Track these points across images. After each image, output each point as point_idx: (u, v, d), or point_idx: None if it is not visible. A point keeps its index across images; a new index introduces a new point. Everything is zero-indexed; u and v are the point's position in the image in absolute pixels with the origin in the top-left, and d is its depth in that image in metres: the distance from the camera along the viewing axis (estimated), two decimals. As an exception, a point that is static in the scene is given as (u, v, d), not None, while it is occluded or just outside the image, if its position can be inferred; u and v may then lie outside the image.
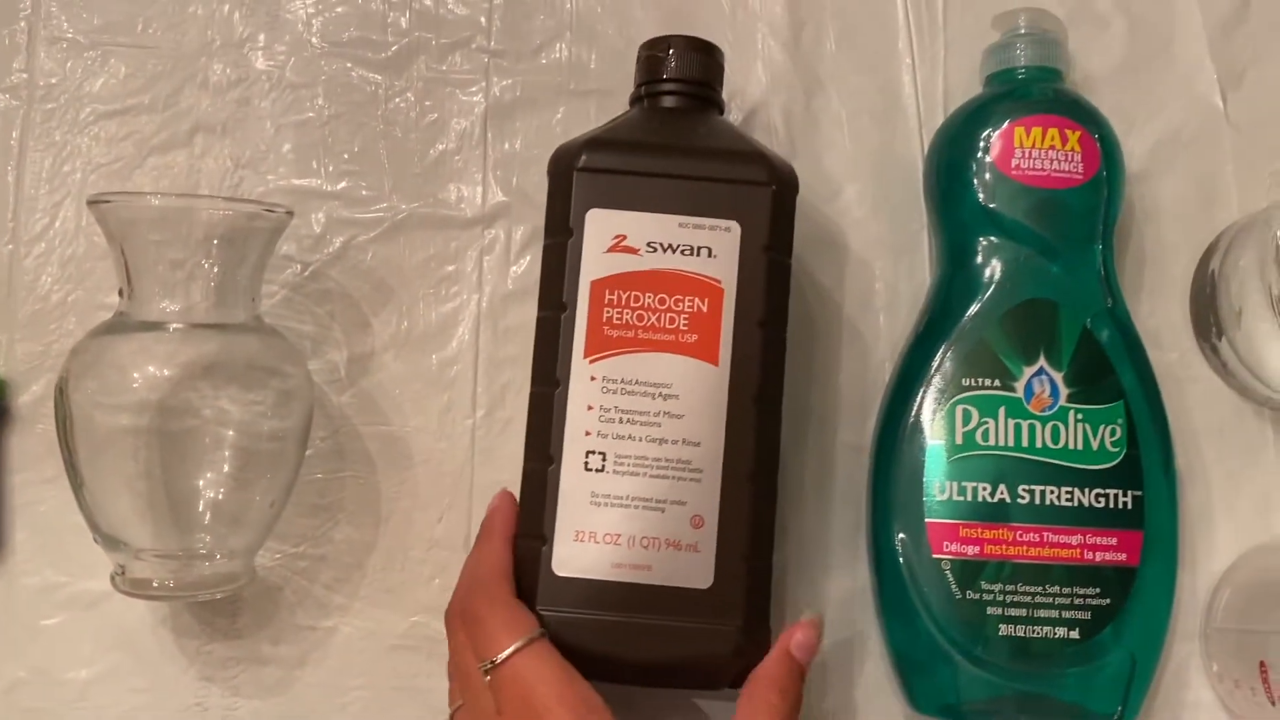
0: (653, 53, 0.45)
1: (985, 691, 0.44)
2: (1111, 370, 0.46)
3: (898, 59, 0.53)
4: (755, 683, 0.40)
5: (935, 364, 0.46)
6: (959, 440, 0.45)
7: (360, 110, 0.52)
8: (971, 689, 0.45)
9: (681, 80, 0.44)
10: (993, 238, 0.47)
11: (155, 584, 0.44)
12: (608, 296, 0.41)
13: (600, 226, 0.41)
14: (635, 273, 0.41)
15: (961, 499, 0.45)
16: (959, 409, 0.45)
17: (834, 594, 0.49)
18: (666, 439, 0.41)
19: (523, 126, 0.52)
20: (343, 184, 0.51)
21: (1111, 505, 0.45)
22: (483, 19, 0.52)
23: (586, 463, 0.41)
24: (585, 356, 0.41)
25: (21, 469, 0.49)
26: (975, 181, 0.47)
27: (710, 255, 0.41)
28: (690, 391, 0.41)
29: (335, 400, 0.50)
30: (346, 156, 0.51)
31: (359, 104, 0.52)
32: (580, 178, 0.42)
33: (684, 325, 0.41)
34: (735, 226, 0.41)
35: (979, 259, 0.47)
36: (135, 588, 0.44)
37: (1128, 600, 0.44)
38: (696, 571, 0.40)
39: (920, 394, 0.46)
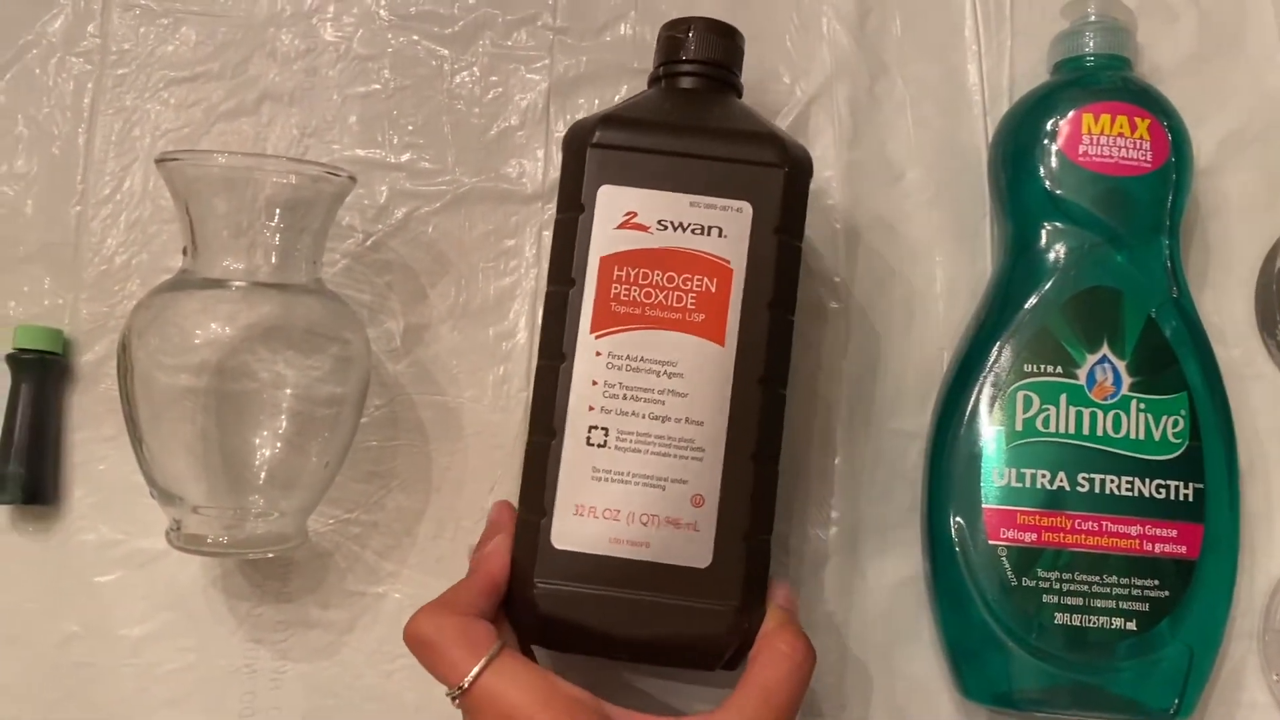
0: (672, 33, 0.45)
1: (1038, 680, 0.44)
2: (1175, 361, 0.45)
3: (964, 46, 0.52)
4: (766, 641, 0.40)
5: (996, 350, 0.46)
6: (1019, 427, 0.45)
7: (425, 84, 0.52)
8: (1024, 678, 0.44)
9: (699, 61, 0.44)
10: (1058, 224, 0.46)
11: (209, 540, 0.44)
12: (616, 273, 0.41)
13: (611, 203, 0.41)
14: (645, 250, 0.41)
15: (1020, 485, 0.44)
16: (1020, 395, 0.45)
17: (886, 581, 0.49)
18: (670, 417, 0.40)
19: (585, 104, 0.52)
20: (406, 156, 0.52)
21: (1172, 497, 0.44)
22: (549, -4, 0.53)
23: (589, 437, 0.41)
24: (592, 332, 0.41)
25: (82, 427, 0.50)
26: (1041, 167, 0.46)
27: (721, 235, 0.41)
28: (695, 371, 0.41)
29: (391, 369, 0.50)
30: (410, 129, 0.52)
31: (424, 77, 0.52)
32: (593, 154, 0.42)
33: (692, 304, 0.41)
34: (747, 207, 0.41)
35: (1043, 246, 0.46)
36: (189, 543, 0.44)
37: (1186, 593, 0.44)
38: (695, 550, 0.40)
39: (981, 380, 0.46)
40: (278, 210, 0.44)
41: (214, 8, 0.53)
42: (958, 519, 0.45)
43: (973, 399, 0.46)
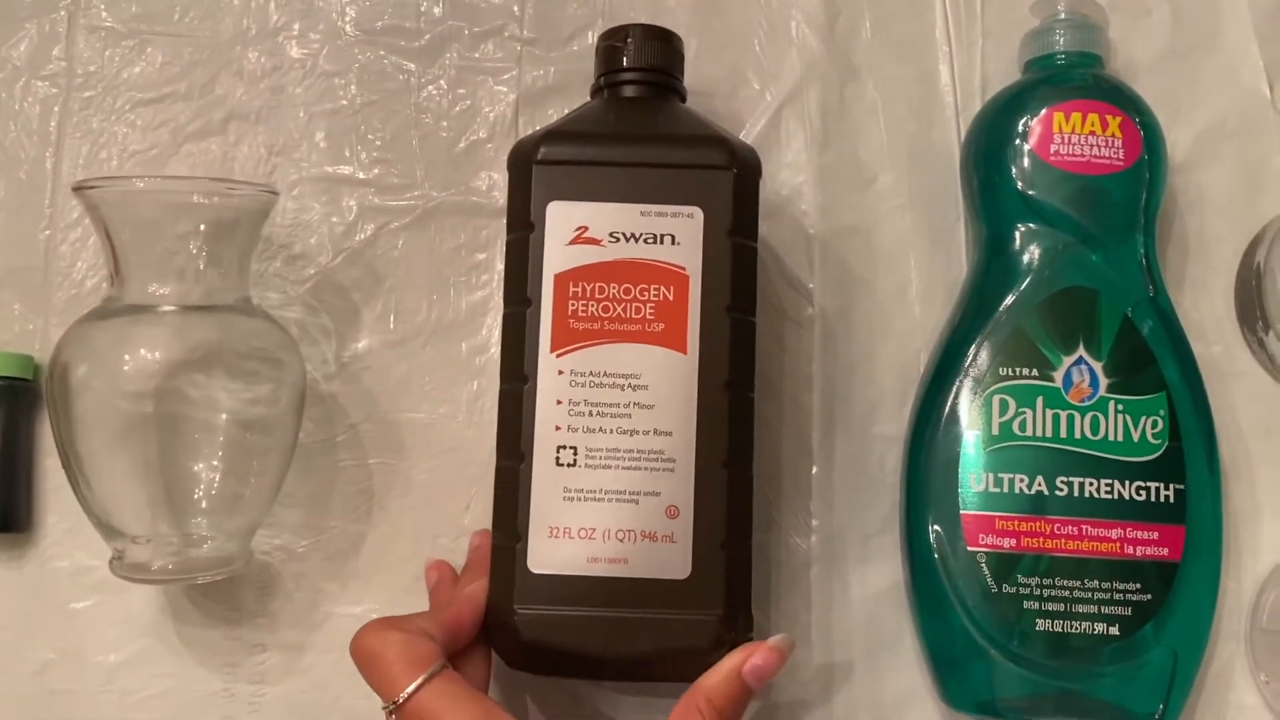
0: (610, 43, 0.45)
1: (1022, 688, 0.43)
2: (1153, 361, 0.44)
3: (934, 47, 0.52)
4: (693, 693, 0.39)
5: (972, 353, 0.45)
6: (995, 431, 0.44)
7: (393, 98, 0.52)
8: (1007, 685, 0.43)
9: (640, 69, 0.44)
10: (1031, 225, 0.46)
11: (154, 567, 0.44)
12: (572, 289, 0.41)
13: (561, 219, 0.41)
14: (599, 264, 0.41)
15: (998, 490, 0.44)
16: (996, 399, 0.44)
17: (869, 589, 0.48)
18: (638, 430, 0.40)
19: (555, 114, 0.51)
20: (374, 171, 0.51)
21: (1153, 499, 0.44)
22: (515, 7, 0.52)
23: (558, 458, 0.40)
24: (552, 351, 0.41)
25: (54, 453, 0.49)
26: (1013, 168, 0.46)
27: (674, 242, 0.41)
28: (659, 381, 0.40)
29: (365, 387, 0.50)
30: (378, 144, 0.51)
31: (392, 92, 0.52)
32: (539, 171, 0.41)
33: (650, 314, 0.41)
34: (698, 212, 0.41)
35: (1017, 247, 0.46)
36: (133, 572, 0.44)
37: (1169, 596, 0.43)
38: (674, 562, 0.40)
39: (956, 384, 0.45)
40: (201, 231, 0.44)
41: (180, 28, 0.52)
42: (936, 526, 0.45)
43: (949, 403, 0.45)
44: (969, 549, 0.44)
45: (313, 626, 0.48)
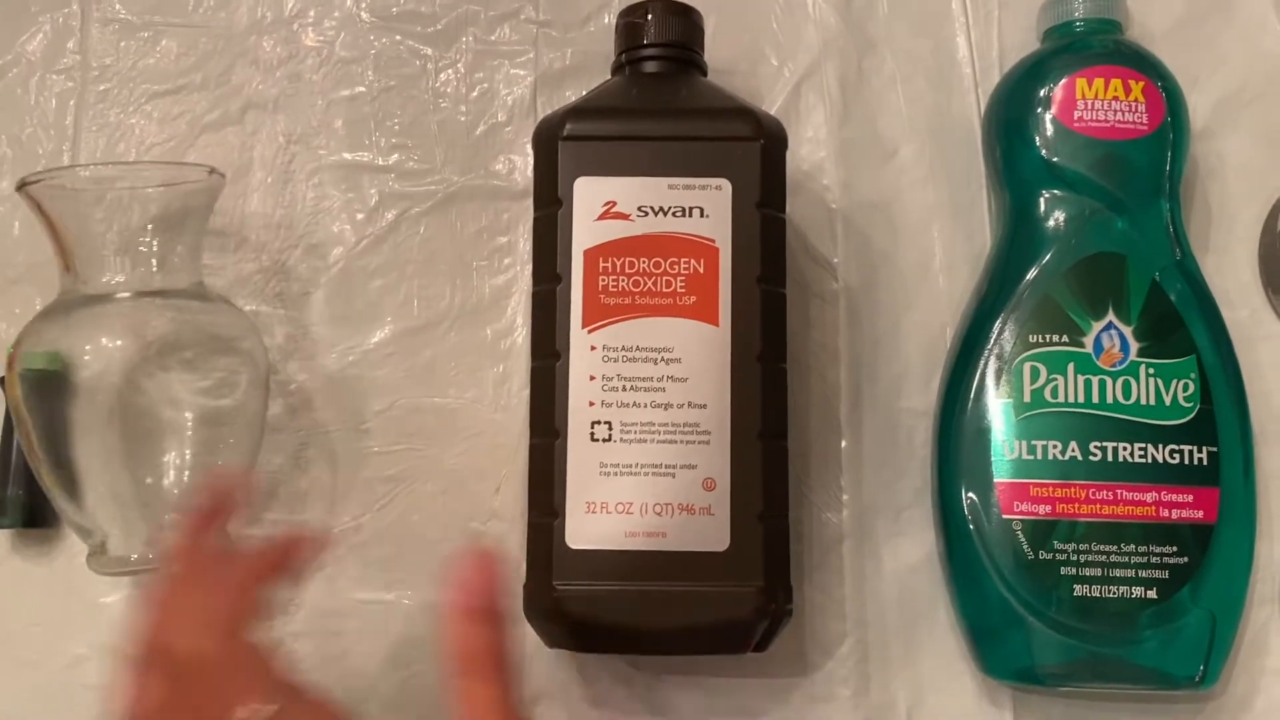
0: (630, 19, 0.45)
1: (1060, 655, 0.43)
2: (1182, 324, 0.44)
3: (951, 19, 0.52)
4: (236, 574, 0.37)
5: (1000, 322, 0.45)
6: (1027, 398, 0.44)
7: (410, 84, 0.52)
8: (1046, 652, 0.43)
9: (661, 44, 0.44)
10: (1056, 192, 0.46)
11: (134, 559, 0.43)
12: (602, 264, 0.41)
13: (589, 194, 0.41)
14: (628, 238, 0.41)
15: (1031, 458, 0.44)
16: (1027, 366, 0.44)
17: (901, 561, 0.48)
18: (672, 403, 0.40)
19: (573, 96, 0.51)
20: (394, 157, 0.51)
21: (1186, 461, 0.43)
22: (531, -10, 0.52)
23: (593, 433, 0.40)
24: (584, 327, 0.41)
25: (80, 447, 0.49)
26: (1036, 136, 0.46)
27: (703, 215, 0.41)
28: (692, 353, 0.40)
29: (391, 373, 0.49)
30: (397, 130, 0.51)
31: (409, 77, 0.52)
32: (565, 147, 0.41)
33: (681, 287, 0.41)
34: (726, 184, 0.41)
35: (1042, 215, 0.46)
36: (111, 566, 0.44)
37: (1205, 558, 0.43)
38: (712, 534, 0.40)
39: (985, 354, 0.45)
40: (151, 216, 0.44)
41: (194, 19, 0.52)
42: (970, 495, 0.44)
43: (978, 373, 0.45)
44: (1004, 517, 0.44)
45: (347, 614, 0.48)
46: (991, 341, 0.45)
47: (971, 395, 0.45)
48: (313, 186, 0.51)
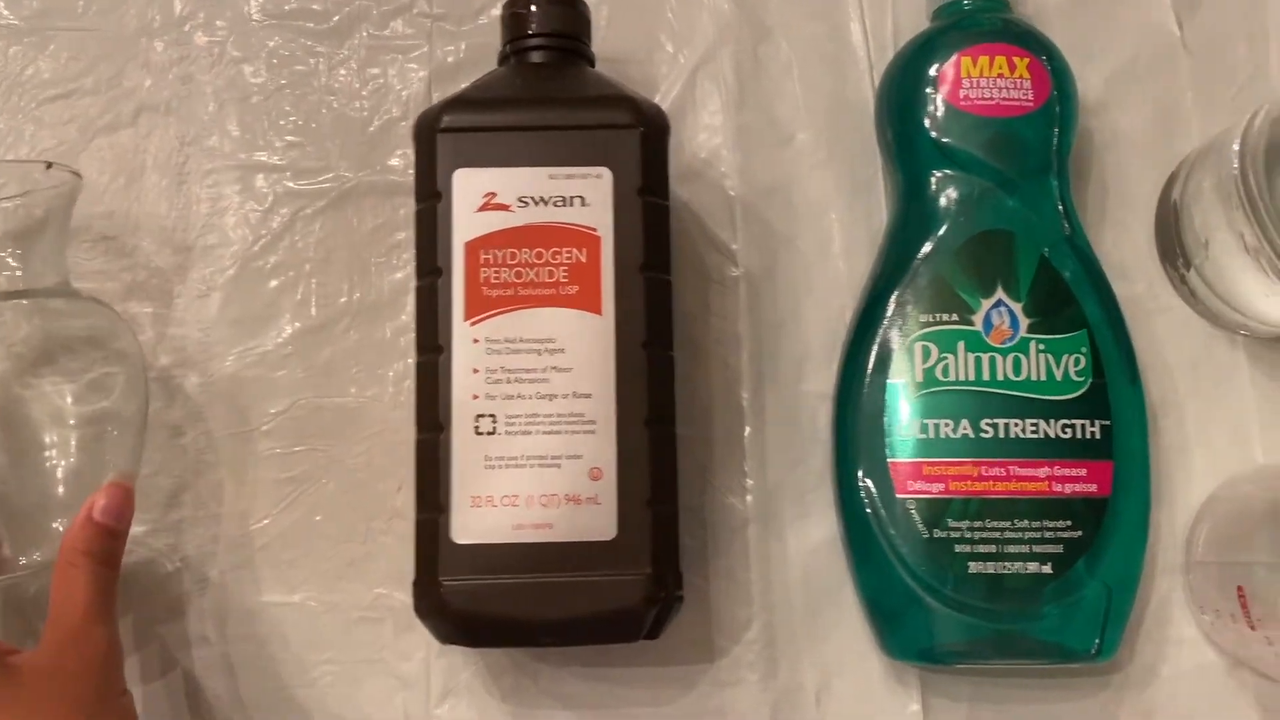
0: (515, 10, 0.45)
1: (960, 633, 0.43)
2: (1072, 299, 0.45)
3: (845, 3, 0.52)
4: (61, 554, 0.41)
5: (893, 303, 0.45)
6: (920, 377, 0.44)
7: (304, 81, 0.51)
8: (946, 631, 0.43)
9: (544, 34, 0.44)
10: (946, 171, 0.46)
11: (22, 561, 0.43)
12: (483, 256, 0.41)
13: (468, 186, 0.41)
14: (509, 229, 0.41)
15: (924, 436, 0.44)
16: (918, 346, 0.44)
17: (807, 544, 0.48)
18: (556, 394, 0.40)
19: (468, 89, 0.51)
20: (289, 156, 0.51)
21: (1079, 436, 0.44)
22: (423, -17, 0.52)
23: (477, 427, 0.40)
24: (466, 319, 0.40)
25: None
26: (925, 116, 0.46)
27: (584, 204, 0.41)
28: (576, 344, 0.40)
29: (290, 374, 0.49)
30: (292, 129, 0.51)
31: (302, 75, 0.51)
32: (443, 139, 0.41)
33: (563, 277, 0.40)
34: (606, 173, 0.41)
35: (933, 195, 0.46)
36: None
37: (1100, 532, 0.43)
38: (599, 524, 0.40)
39: (879, 334, 0.45)
40: (4, 215, 0.43)
41: (83, 22, 0.52)
42: (866, 476, 0.44)
43: (872, 355, 0.45)
44: (899, 497, 0.44)
45: (251, 617, 0.47)
46: (885, 322, 0.45)
47: (867, 377, 0.45)
48: (207, 188, 0.50)
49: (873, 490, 0.44)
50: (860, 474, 0.45)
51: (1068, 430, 0.44)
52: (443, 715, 0.47)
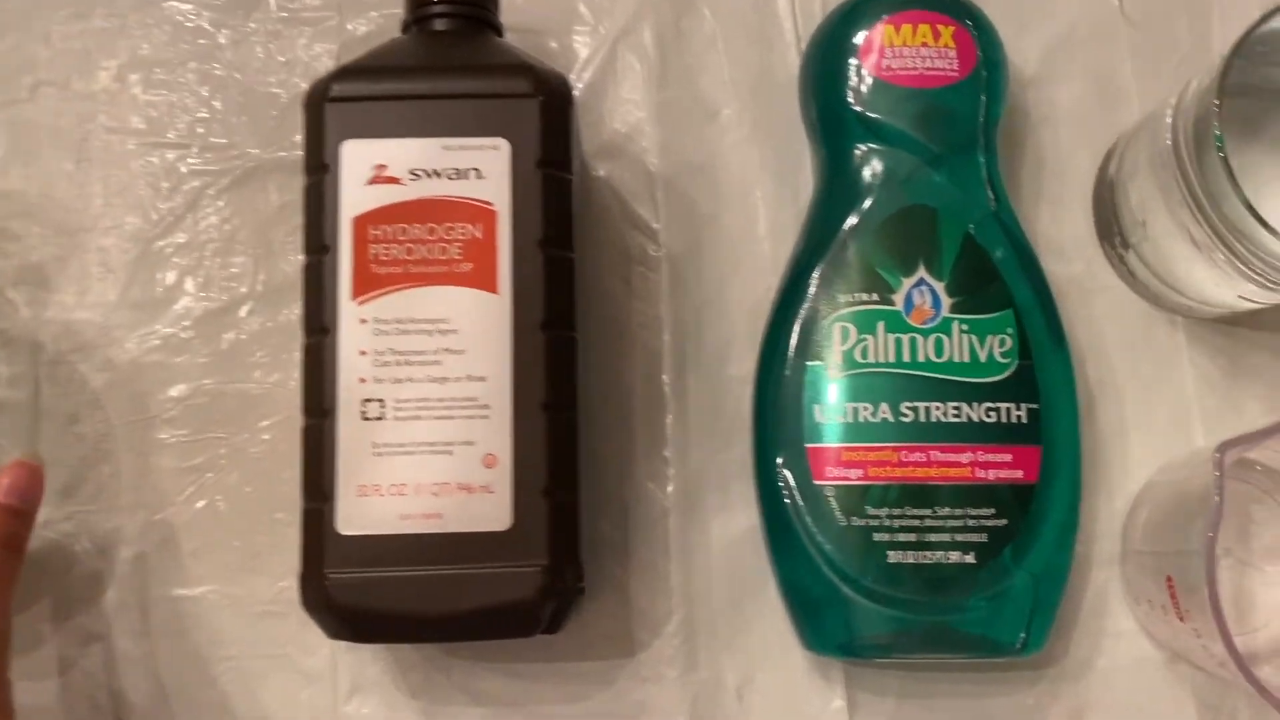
0: None
1: (880, 626, 0.42)
2: (998, 277, 0.43)
3: (771, -28, 0.50)
4: None
5: (813, 283, 0.43)
6: (838, 360, 0.42)
7: (209, 56, 0.49)
8: (866, 624, 0.42)
9: (446, 1, 0.42)
10: (869, 145, 0.44)
11: None
12: (372, 232, 0.39)
13: (357, 158, 0.39)
14: (400, 204, 0.39)
15: (842, 421, 0.42)
16: (837, 327, 0.43)
17: (730, 535, 0.46)
18: (448, 377, 0.38)
19: (381, 63, 0.49)
20: (193, 133, 0.49)
21: (1004, 420, 0.42)
22: (333, -46, 0.50)
23: (364, 412, 0.38)
24: (354, 299, 0.38)
25: None
26: (847, 87, 0.44)
27: (479, 177, 0.39)
28: (470, 324, 0.38)
29: (192, 359, 0.47)
30: (196, 104, 0.49)
31: (207, 49, 0.49)
32: (332, 109, 0.39)
33: (457, 254, 0.38)
34: (504, 144, 0.39)
35: (855, 169, 0.44)
36: None
37: (1027, 520, 0.42)
38: (493, 513, 0.38)
39: (799, 315, 0.43)
40: None
41: (-19, -4, 0.50)
42: (784, 463, 0.43)
43: (792, 336, 0.43)
44: (817, 484, 0.42)
45: (150, 612, 0.46)
46: (805, 303, 0.43)
47: (785, 359, 0.43)
48: (107, 166, 0.48)
49: (791, 477, 0.42)
50: (779, 461, 0.43)
51: (992, 414, 0.42)
52: (350, 713, 0.45)
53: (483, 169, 0.39)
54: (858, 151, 0.44)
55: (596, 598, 0.46)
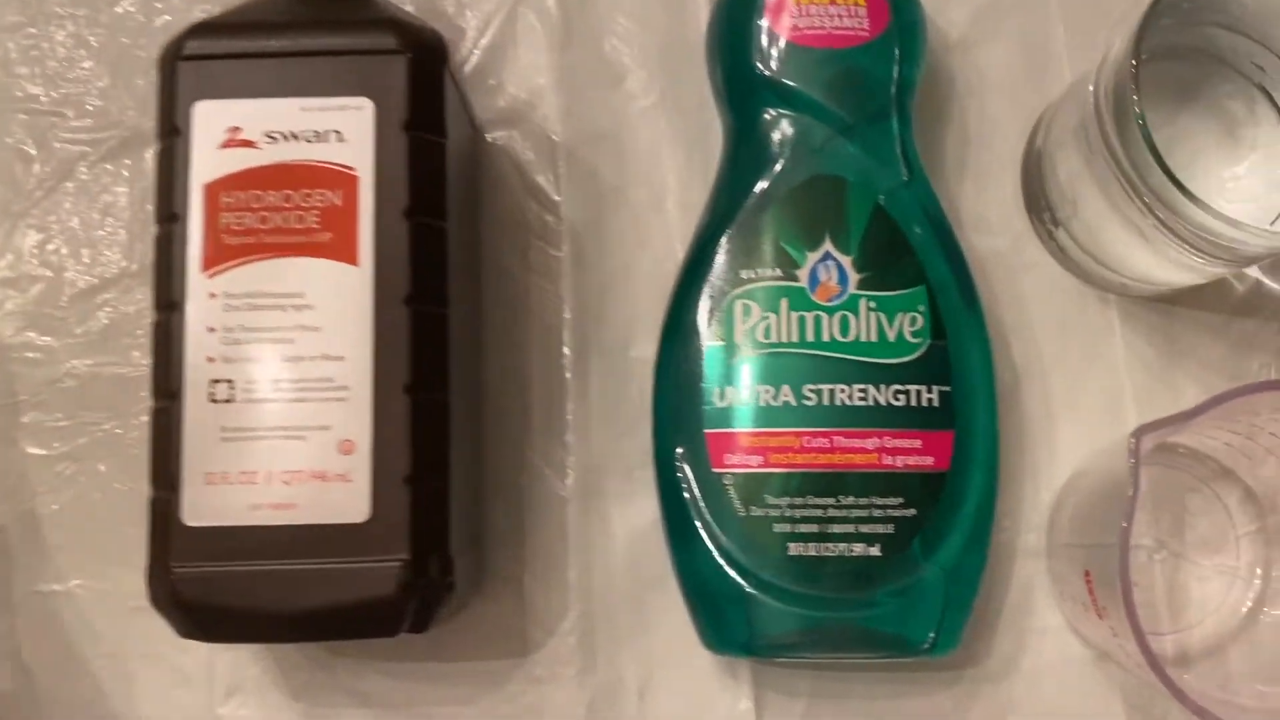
0: None
1: (781, 624, 0.39)
2: (910, 252, 0.40)
3: (682, -72, 0.47)
4: None
5: (714, 258, 0.41)
6: (738, 339, 0.40)
7: (88, 20, 0.46)
8: (766, 621, 0.39)
9: None
10: (774, 110, 0.41)
11: None
12: (224, 200, 0.36)
13: (210, 120, 0.36)
14: (254, 169, 0.36)
15: (742, 405, 0.39)
16: (738, 304, 0.40)
17: (631, 526, 0.44)
18: (303, 356, 0.35)
19: (268, 26, 0.46)
20: (67, 100, 0.46)
21: (913, 403, 0.39)
22: (218, -91, 0.47)
23: (212, 393, 0.35)
24: (203, 271, 0.36)
25: None
26: (753, 49, 0.41)
27: (340, 140, 0.36)
28: (327, 298, 0.35)
29: (63, 340, 0.44)
30: (68, 69, 0.46)
31: (83, 14, 0.46)
32: (184, 68, 0.37)
33: (315, 223, 0.36)
34: (367, 104, 0.36)
35: (762, 137, 0.41)
36: None
37: (938, 510, 0.39)
38: (350, 504, 0.35)
39: (700, 292, 0.41)
40: None
41: None
42: (681, 449, 0.40)
43: (693, 314, 0.41)
44: (715, 471, 0.39)
45: (15, 609, 0.43)
46: (706, 280, 0.41)
47: (685, 339, 0.41)
48: (-22, 134, 0.46)
49: (689, 465, 0.40)
50: (677, 448, 0.40)
51: (900, 397, 0.39)
52: (227, 714, 0.42)
53: (344, 131, 0.36)
54: (765, 118, 0.41)
55: (488, 593, 0.43)
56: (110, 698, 0.43)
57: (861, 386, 0.39)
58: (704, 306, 0.40)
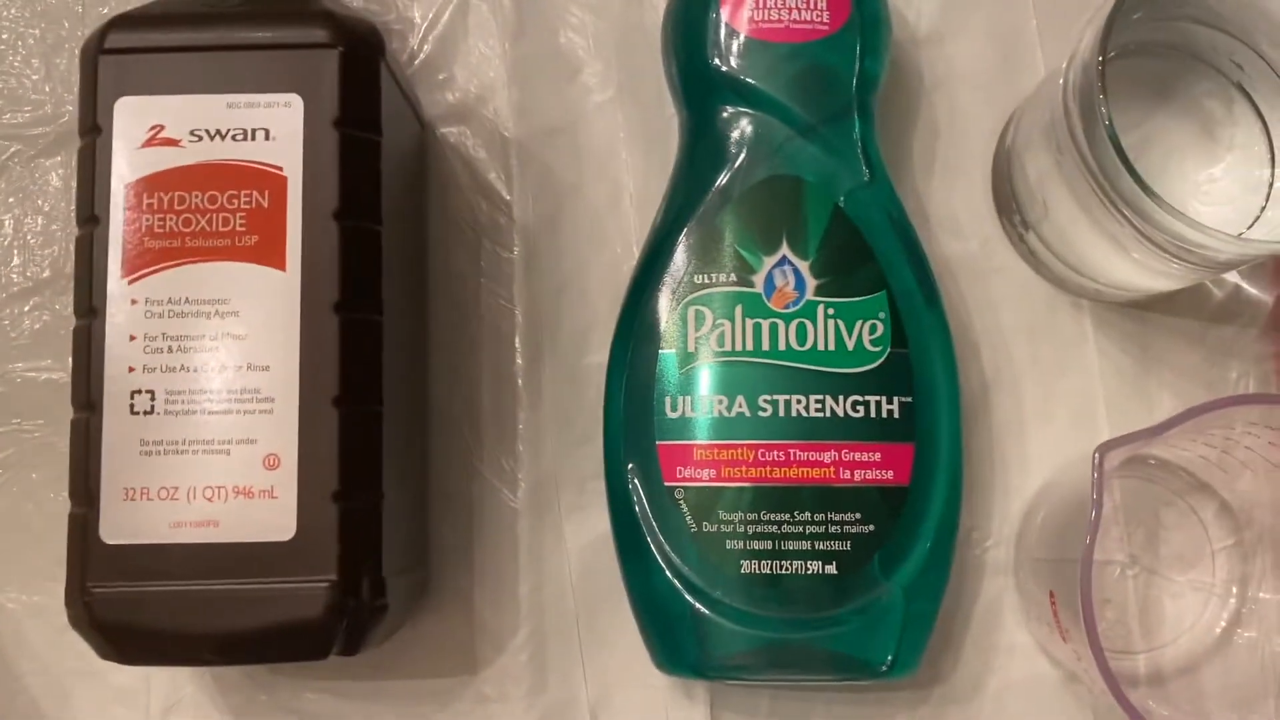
0: None
1: (733, 644, 0.37)
2: (870, 256, 0.38)
3: (641, -84, 0.45)
4: None
5: (669, 262, 0.39)
6: (691, 348, 0.38)
7: (22, 8, 0.45)
8: (718, 642, 0.37)
9: None
10: (732, 108, 0.39)
11: None
12: (146, 201, 0.34)
13: (132, 118, 0.35)
14: (178, 169, 0.34)
15: (694, 416, 0.38)
16: (691, 311, 0.38)
17: (584, 540, 0.42)
18: (227, 365, 0.34)
19: (210, 17, 0.45)
20: (3, 92, 0.44)
21: (873, 415, 0.37)
22: (159, -105, 0.45)
23: (133, 405, 0.34)
24: (124, 276, 0.34)
25: None
26: (709, 43, 0.39)
27: (268, 138, 0.34)
28: (253, 305, 0.34)
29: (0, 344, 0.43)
30: (4, 60, 0.44)
31: (17, 3, 0.45)
32: (106, 62, 0.35)
33: (241, 225, 0.34)
34: (296, 100, 0.34)
35: (717, 135, 0.39)
36: None
37: (898, 526, 0.37)
38: (275, 521, 0.33)
39: (653, 297, 0.39)
40: None
41: None
42: (633, 462, 0.38)
43: (644, 321, 0.39)
44: (667, 485, 0.38)
45: (-57, 623, 0.42)
46: (659, 285, 0.39)
47: (636, 346, 0.39)
48: (-94, 129, 0.44)
49: (640, 478, 0.38)
50: (628, 460, 0.39)
51: (859, 408, 0.37)
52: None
53: (272, 129, 0.34)
54: (721, 115, 0.40)
55: (436, 609, 0.42)
56: (45, 715, 0.41)
57: (819, 397, 0.37)
58: (657, 312, 0.39)
